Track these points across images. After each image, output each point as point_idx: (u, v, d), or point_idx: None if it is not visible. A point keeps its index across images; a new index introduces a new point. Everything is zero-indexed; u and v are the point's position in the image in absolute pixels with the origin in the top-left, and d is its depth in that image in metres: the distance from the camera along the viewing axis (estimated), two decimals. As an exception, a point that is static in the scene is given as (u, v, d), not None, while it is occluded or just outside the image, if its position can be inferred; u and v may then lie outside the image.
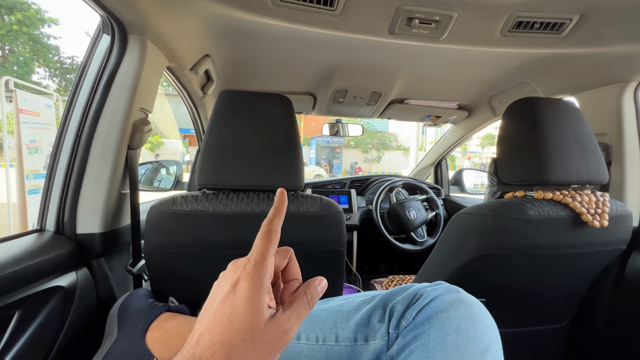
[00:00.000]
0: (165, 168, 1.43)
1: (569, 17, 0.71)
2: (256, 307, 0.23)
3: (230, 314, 0.23)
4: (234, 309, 0.23)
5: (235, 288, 0.24)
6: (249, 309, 0.23)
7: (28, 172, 2.86)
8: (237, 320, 0.23)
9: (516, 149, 0.73)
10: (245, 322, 0.22)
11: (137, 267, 0.76)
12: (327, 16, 0.72)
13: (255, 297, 0.23)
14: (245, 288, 0.24)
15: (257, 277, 0.24)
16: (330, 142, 14.01)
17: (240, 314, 0.23)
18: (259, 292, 0.24)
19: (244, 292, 0.23)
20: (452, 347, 0.38)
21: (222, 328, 0.22)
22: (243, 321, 0.22)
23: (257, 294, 0.24)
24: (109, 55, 0.68)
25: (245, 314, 0.23)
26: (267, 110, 0.68)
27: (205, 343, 0.22)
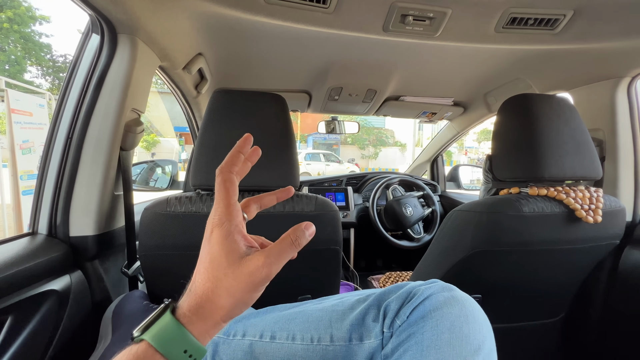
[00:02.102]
0: (160, 167, 1.42)
1: (562, 13, 0.71)
2: (229, 246, 0.28)
3: (210, 257, 0.28)
4: (212, 252, 0.28)
5: (210, 237, 0.29)
6: (223, 249, 0.28)
7: (22, 172, 2.83)
8: (216, 259, 0.27)
9: (511, 146, 0.73)
10: (222, 259, 0.27)
11: (132, 269, 0.75)
12: (320, 14, 0.72)
13: (227, 239, 0.28)
14: (216, 234, 0.28)
15: (225, 223, 0.29)
16: (327, 139, 14.00)
17: (217, 254, 0.28)
18: (229, 234, 0.28)
19: (216, 238, 0.28)
20: (446, 345, 0.38)
21: (206, 267, 0.28)
22: (220, 259, 0.27)
23: (228, 236, 0.28)
24: (99, 55, 0.67)
25: (220, 253, 0.27)
26: (261, 110, 0.67)
27: (197, 281, 0.28)
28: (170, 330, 0.26)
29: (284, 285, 0.71)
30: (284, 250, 0.29)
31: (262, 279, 0.27)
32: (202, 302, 0.27)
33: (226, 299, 0.27)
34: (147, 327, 0.26)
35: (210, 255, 0.28)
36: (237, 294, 0.27)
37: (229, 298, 0.27)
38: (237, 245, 0.28)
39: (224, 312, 0.27)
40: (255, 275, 0.27)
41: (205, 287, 0.27)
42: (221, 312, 0.27)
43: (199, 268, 0.28)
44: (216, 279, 0.27)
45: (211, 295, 0.27)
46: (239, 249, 0.28)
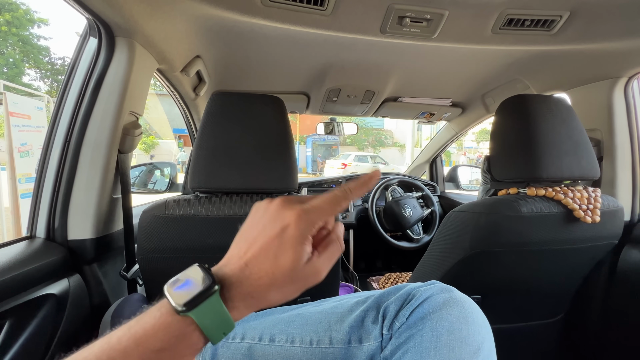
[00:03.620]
0: (159, 170, 1.41)
1: (559, 14, 0.71)
2: (299, 253, 0.28)
3: (276, 252, 0.27)
4: (281, 249, 0.27)
5: (284, 232, 0.28)
6: (293, 253, 0.27)
7: (20, 175, 2.82)
8: (282, 259, 0.27)
9: (508, 146, 0.74)
10: (288, 262, 0.27)
11: (131, 272, 0.75)
12: (317, 16, 0.72)
13: (300, 245, 0.28)
14: (293, 235, 0.28)
15: (306, 230, 0.28)
16: (327, 140, 14.00)
17: (286, 255, 0.27)
18: (304, 241, 0.28)
19: (291, 239, 0.28)
20: (445, 347, 0.38)
21: (268, 261, 0.27)
22: (286, 261, 0.27)
23: (302, 242, 0.28)
24: (97, 58, 0.67)
25: (289, 256, 0.27)
26: (259, 112, 0.67)
27: (253, 268, 0.27)
28: (217, 314, 0.26)
29: None
30: (334, 256, 0.31)
31: (313, 282, 0.29)
32: (254, 294, 0.27)
33: (277, 296, 0.28)
34: (193, 304, 0.25)
35: (278, 250, 0.27)
36: (288, 293, 0.28)
37: (280, 295, 0.28)
38: (306, 251, 0.28)
39: (269, 304, 0.28)
40: (309, 281, 0.29)
41: (261, 281, 0.27)
42: (267, 304, 0.28)
43: (258, 254, 0.28)
44: (274, 277, 0.27)
45: (265, 290, 0.27)
46: (305, 255, 0.28)
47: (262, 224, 0.29)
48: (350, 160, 11.87)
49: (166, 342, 0.24)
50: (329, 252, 0.30)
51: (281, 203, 0.30)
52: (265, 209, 0.31)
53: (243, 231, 0.31)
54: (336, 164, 12.03)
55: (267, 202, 0.31)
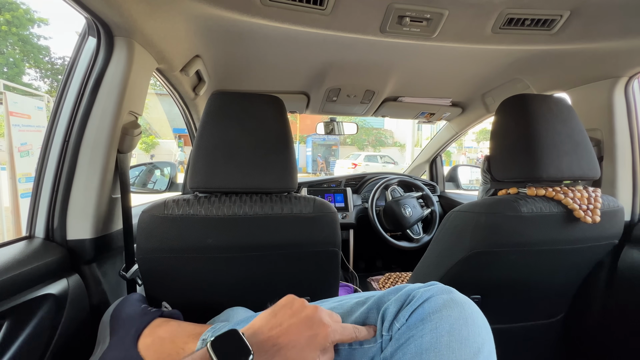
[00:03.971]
0: (159, 169, 1.41)
1: (559, 14, 0.71)
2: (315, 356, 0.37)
3: (303, 347, 0.37)
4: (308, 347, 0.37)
5: (315, 336, 0.38)
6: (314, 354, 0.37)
7: (20, 175, 2.82)
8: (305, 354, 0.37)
9: (509, 146, 0.73)
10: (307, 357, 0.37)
11: (130, 272, 0.75)
12: (317, 15, 0.72)
13: (319, 352, 0.38)
14: (320, 343, 0.38)
15: (326, 344, 0.38)
16: (327, 139, 13.98)
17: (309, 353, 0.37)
18: (322, 349, 0.38)
19: (317, 344, 0.38)
20: (445, 348, 0.38)
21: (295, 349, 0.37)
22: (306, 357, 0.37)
23: (321, 350, 0.38)
24: (96, 58, 0.67)
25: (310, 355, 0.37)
26: (258, 112, 0.67)
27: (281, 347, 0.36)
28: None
29: (283, 287, 0.71)
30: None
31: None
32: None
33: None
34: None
35: (304, 345, 0.37)
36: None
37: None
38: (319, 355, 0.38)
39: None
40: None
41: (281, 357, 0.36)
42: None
43: (288, 342, 0.37)
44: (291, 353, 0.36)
45: None
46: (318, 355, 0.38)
47: (297, 317, 0.39)
48: (360, 160, 12.25)
49: None
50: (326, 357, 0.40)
51: (319, 311, 0.39)
52: (302, 305, 0.40)
53: (275, 310, 0.40)
54: (347, 163, 12.43)
55: (303, 301, 0.41)
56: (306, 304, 0.40)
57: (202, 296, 0.68)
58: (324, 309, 0.40)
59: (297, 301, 0.41)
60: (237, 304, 0.64)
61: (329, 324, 0.38)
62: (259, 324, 0.39)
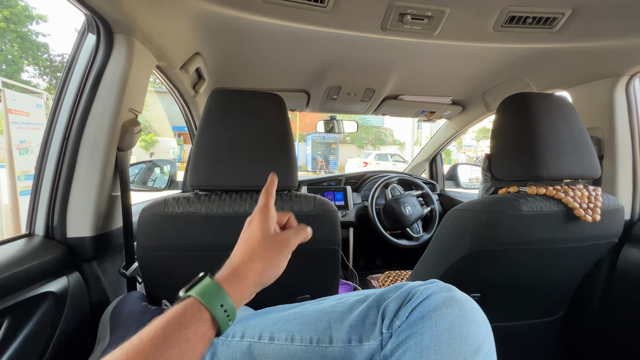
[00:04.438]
0: (159, 167, 1.41)
1: (561, 12, 0.71)
2: (265, 227, 0.39)
3: (249, 235, 0.38)
4: (251, 232, 0.39)
5: (250, 223, 0.41)
6: (260, 228, 0.39)
7: (19, 173, 2.81)
8: (253, 235, 0.38)
9: (509, 145, 0.73)
10: (257, 235, 0.38)
11: (130, 270, 0.75)
12: (318, 13, 0.71)
13: (264, 223, 0.39)
14: (256, 220, 0.40)
15: (263, 214, 0.40)
16: (326, 138, 13.96)
17: (255, 232, 0.39)
18: (265, 221, 0.39)
19: (256, 223, 0.40)
20: (445, 346, 0.38)
21: (244, 242, 0.38)
22: (256, 234, 0.38)
23: (264, 222, 0.39)
24: (95, 55, 0.66)
25: (257, 231, 0.38)
26: (259, 109, 0.67)
27: (236, 253, 0.38)
28: (211, 288, 0.33)
29: (283, 285, 0.71)
30: (298, 233, 0.42)
31: (287, 247, 0.39)
32: (239, 267, 0.35)
33: (259, 262, 0.36)
34: (190, 288, 0.33)
35: (249, 233, 0.38)
36: (267, 257, 0.37)
37: (261, 261, 0.36)
38: (270, 227, 0.39)
39: (255, 274, 0.36)
40: (281, 244, 0.38)
41: (243, 255, 0.36)
42: (253, 274, 0.35)
43: (238, 245, 0.38)
44: (252, 248, 0.36)
45: (247, 260, 0.36)
46: (271, 229, 0.39)
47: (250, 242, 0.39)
48: (370, 159, 12.69)
49: (174, 314, 0.30)
50: (293, 229, 0.42)
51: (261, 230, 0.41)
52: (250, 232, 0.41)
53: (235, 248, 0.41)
54: (358, 162, 12.92)
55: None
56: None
57: None
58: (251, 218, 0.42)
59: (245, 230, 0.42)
60: None
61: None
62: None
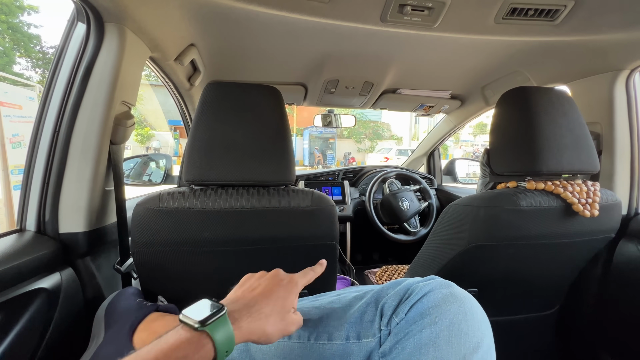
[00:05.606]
0: (154, 162, 1.39)
1: (563, 4, 0.70)
2: (287, 309, 0.40)
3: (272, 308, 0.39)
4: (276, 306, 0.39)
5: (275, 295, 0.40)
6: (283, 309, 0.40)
7: (12, 167, 2.77)
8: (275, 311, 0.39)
9: (509, 139, 0.73)
10: (278, 313, 0.39)
11: (125, 265, 0.74)
12: (316, 3, 0.70)
13: (287, 307, 0.41)
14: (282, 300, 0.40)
15: (293, 301, 0.42)
16: (324, 132, 13.91)
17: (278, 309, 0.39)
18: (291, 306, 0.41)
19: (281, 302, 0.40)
20: (445, 343, 0.37)
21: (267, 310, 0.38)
22: (277, 312, 0.39)
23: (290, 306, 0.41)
24: (86, 45, 0.64)
25: (281, 310, 0.39)
26: (255, 102, 0.65)
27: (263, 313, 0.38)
28: (225, 329, 0.33)
29: None
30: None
31: (293, 329, 0.41)
32: (256, 329, 0.36)
33: (272, 330, 0.38)
34: (207, 321, 0.32)
35: (274, 307, 0.39)
36: (277, 331, 0.38)
37: (274, 330, 0.38)
38: (290, 311, 0.41)
39: (265, 338, 0.37)
40: (291, 325, 0.41)
41: (262, 321, 0.37)
42: (264, 338, 0.37)
43: (262, 308, 0.38)
44: (269, 320, 0.37)
45: (264, 327, 0.37)
46: (290, 311, 0.41)
47: (260, 281, 0.42)
48: (392, 154, 13.01)
49: (187, 351, 0.30)
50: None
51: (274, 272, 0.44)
52: (261, 274, 0.44)
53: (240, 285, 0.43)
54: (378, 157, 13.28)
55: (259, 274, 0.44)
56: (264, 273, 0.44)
57: (198, 290, 0.67)
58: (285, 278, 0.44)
59: (255, 274, 0.44)
60: None
61: (290, 275, 0.44)
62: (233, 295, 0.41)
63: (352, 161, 14.86)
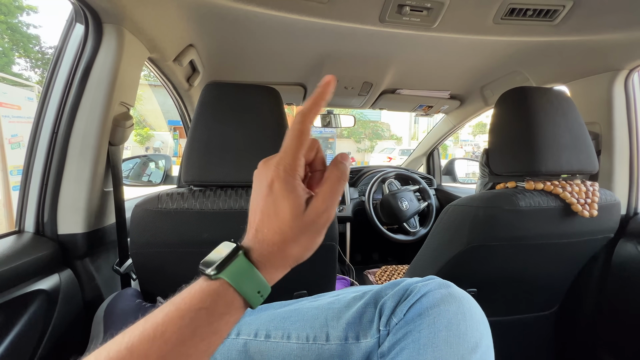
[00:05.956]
0: (153, 162, 1.39)
1: (562, 4, 0.70)
2: (293, 202, 0.27)
3: (274, 210, 0.28)
4: (276, 206, 0.28)
5: (271, 189, 0.28)
6: (287, 204, 0.27)
7: (11, 167, 2.77)
8: (281, 214, 0.28)
9: (508, 140, 0.73)
10: (287, 214, 0.27)
11: (124, 266, 0.74)
12: (314, 3, 0.70)
13: (292, 193, 0.27)
14: (280, 187, 0.28)
15: (288, 178, 0.28)
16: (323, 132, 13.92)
17: (282, 209, 0.28)
18: (293, 189, 0.28)
19: (280, 191, 0.28)
20: (443, 343, 0.37)
21: (272, 221, 0.28)
22: (285, 214, 0.27)
23: (293, 190, 0.28)
24: (84, 46, 0.64)
25: (285, 207, 0.27)
26: (254, 103, 0.65)
27: (263, 231, 0.28)
28: (246, 272, 0.27)
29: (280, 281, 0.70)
30: (335, 190, 0.29)
31: (324, 224, 0.29)
32: (274, 252, 0.28)
33: (295, 248, 0.29)
34: (222, 267, 0.27)
35: (274, 207, 0.28)
36: (303, 242, 0.29)
37: (297, 247, 0.29)
38: (301, 199, 0.28)
39: (293, 259, 0.30)
40: (318, 223, 0.29)
41: (275, 239, 0.28)
42: (290, 260, 0.30)
43: (262, 217, 0.29)
44: (283, 232, 0.28)
45: (281, 246, 0.28)
46: (302, 202, 0.28)
47: (256, 191, 0.30)
48: (395, 154, 12.84)
49: (203, 302, 0.26)
50: (328, 187, 0.29)
51: (261, 166, 0.30)
52: (255, 176, 0.31)
53: (250, 204, 0.31)
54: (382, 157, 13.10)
55: (256, 171, 0.31)
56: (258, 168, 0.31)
57: None
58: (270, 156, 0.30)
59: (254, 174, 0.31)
60: None
61: (272, 161, 0.29)
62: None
63: (352, 161, 14.88)
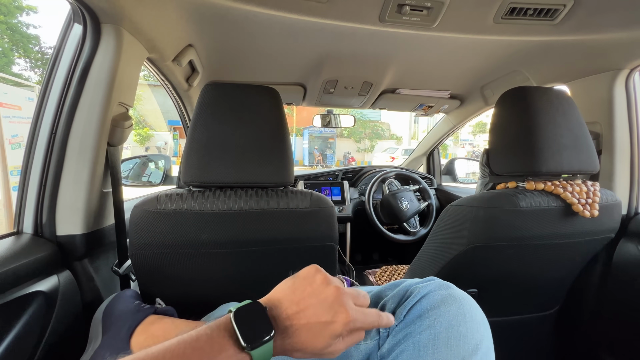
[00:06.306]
0: (153, 162, 1.39)
1: (562, 3, 0.69)
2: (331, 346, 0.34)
3: (317, 335, 0.34)
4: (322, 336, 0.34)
5: (331, 324, 0.34)
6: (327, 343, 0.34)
7: (12, 168, 2.77)
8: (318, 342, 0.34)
9: (508, 140, 0.72)
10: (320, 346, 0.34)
11: (123, 268, 0.74)
12: (314, 3, 0.69)
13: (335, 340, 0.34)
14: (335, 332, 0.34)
15: (345, 332, 0.34)
16: (323, 132, 13.92)
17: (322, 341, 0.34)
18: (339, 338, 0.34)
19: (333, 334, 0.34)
20: (443, 345, 0.37)
21: (308, 337, 0.34)
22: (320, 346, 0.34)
23: (337, 338, 0.34)
24: (82, 46, 0.64)
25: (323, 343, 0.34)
26: (254, 103, 0.65)
27: (294, 332, 0.34)
28: (266, 355, 0.32)
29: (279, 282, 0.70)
30: (354, 341, 0.36)
31: (337, 353, 0.35)
32: (296, 348, 0.34)
33: (311, 354, 0.34)
34: (256, 346, 0.31)
35: (318, 334, 0.34)
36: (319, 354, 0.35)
37: (313, 355, 0.35)
38: (337, 340, 0.34)
39: (291, 356, 0.35)
40: (333, 354, 0.35)
41: (296, 344, 0.33)
42: (290, 356, 0.35)
43: (303, 325, 0.34)
44: (304, 348, 0.34)
45: (295, 350, 0.34)
46: (333, 346, 0.34)
47: (316, 297, 0.35)
48: (397, 154, 12.92)
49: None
50: (351, 339, 0.36)
51: (341, 294, 0.35)
52: (324, 282, 0.36)
53: (295, 284, 0.36)
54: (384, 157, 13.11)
55: (325, 277, 0.36)
56: (329, 280, 0.36)
57: (197, 292, 0.67)
58: (348, 291, 0.36)
59: (319, 276, 0.36)
60: (232, 299, 0.63)
61: (350, 311, 0.34)
62: (278, 297, 0.35)
63: (352, 161, 14.85)
